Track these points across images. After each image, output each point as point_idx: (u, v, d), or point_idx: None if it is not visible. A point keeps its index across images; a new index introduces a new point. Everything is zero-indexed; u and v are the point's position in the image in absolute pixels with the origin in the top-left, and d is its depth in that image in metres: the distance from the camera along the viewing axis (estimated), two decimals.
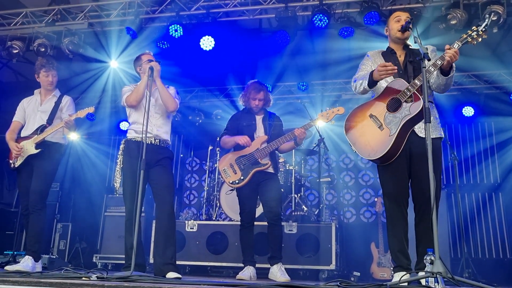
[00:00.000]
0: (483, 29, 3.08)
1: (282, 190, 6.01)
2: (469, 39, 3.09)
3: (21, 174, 4.37)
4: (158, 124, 4.00)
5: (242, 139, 4.40)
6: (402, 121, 3.11)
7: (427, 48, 3.03)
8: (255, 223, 4.56)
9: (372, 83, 3.27)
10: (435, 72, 3.12)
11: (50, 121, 4.38)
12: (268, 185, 4.42)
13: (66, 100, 4.53)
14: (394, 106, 3.18)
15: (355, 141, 3.29)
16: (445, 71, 3.10)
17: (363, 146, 3.25)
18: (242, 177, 4.37)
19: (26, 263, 4.00)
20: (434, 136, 3.13)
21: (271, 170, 4.47)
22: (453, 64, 3.09)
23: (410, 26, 3.17)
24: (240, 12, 5.84)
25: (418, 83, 3.08)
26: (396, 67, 3.13)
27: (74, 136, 7.73)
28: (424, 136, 3.12)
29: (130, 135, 4.00)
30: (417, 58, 3.21)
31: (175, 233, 3.85)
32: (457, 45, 3.06)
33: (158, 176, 3.88)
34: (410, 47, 3.40)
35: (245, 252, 4.46)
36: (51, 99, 4.51)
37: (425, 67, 2.87)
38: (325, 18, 5.36)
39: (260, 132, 4.57)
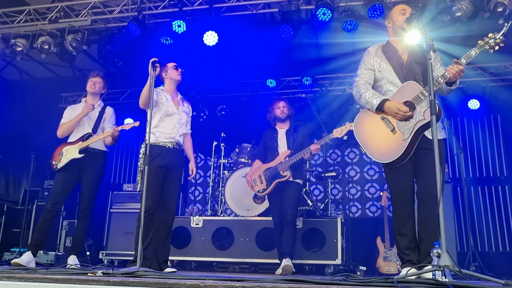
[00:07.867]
0: (501, 37, 3.03)
1: (302, 190, 6.14)
2: (487, 47, 3.05)
3: (63, 175, 4.57)
4: (181, 131, 4.25)
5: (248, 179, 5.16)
6: (416, 126, 3.10)
7: (432, 40, 3.00)
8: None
9: (381, 109, 3.24)
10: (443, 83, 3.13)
11: (94, 129, 4.65)
12: (287, 193, 4.90)
13: (109, 111, 4.80)
14: None
15: (365, 143, 3.30)
16: (450, 82, 3.12)
17: (374, 149, 3.25)
18: (265, 187, 4.95)
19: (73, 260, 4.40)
20: (439, 138, 3.09)
21: (291, 179, 4.92)
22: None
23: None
24: (243, 6, 5.81)
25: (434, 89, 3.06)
26: (411, 113, 3.11)
27: None
28: (430, 138, 3.12)
29: (152, 139, 4.01)
30: (422, 49, 3.18)
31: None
32: (474, 53, 3.05)
33: (172, 181, 4.15)
34: (411, 46, 3.34)
35: (277, 249, 4.96)
36: (96, 109, 4.71)
37: (430, 59, 2.84)
38: (329, 11, 5.33)
39: (282, 145, 5.03)
